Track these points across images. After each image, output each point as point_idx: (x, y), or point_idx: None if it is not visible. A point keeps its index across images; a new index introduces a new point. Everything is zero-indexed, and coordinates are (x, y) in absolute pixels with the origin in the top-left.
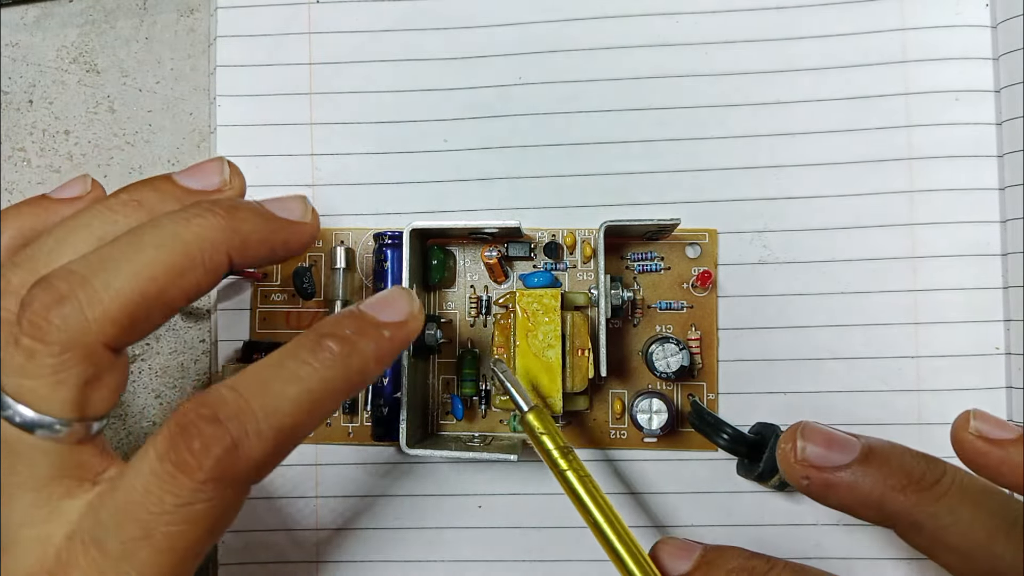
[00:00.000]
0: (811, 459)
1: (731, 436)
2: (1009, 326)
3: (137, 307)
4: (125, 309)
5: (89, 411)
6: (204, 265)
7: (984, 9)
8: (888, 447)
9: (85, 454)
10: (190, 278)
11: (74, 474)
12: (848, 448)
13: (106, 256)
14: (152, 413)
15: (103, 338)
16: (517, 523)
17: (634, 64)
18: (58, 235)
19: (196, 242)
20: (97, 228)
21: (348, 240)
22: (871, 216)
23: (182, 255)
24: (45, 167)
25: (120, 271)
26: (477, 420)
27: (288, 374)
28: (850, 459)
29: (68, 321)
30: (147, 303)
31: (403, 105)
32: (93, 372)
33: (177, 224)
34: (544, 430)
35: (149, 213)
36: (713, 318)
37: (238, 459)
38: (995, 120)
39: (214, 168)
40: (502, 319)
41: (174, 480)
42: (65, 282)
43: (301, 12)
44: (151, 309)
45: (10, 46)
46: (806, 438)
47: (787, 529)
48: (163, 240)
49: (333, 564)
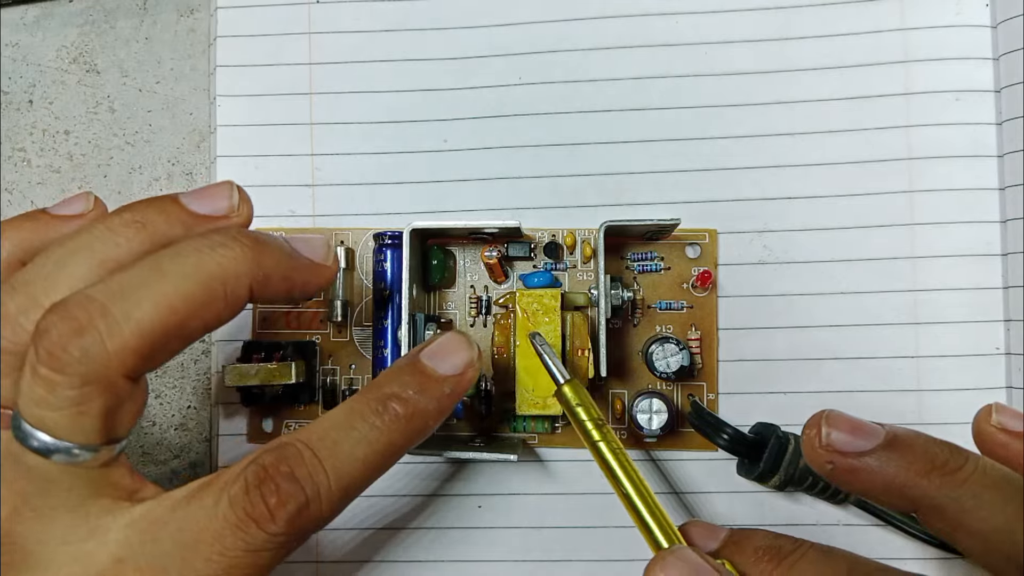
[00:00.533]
0: (836, 444)
1: (731, 436)
2: (1009, 326)
3: (157, 338)
4: (146, 340)
5: (113, 435)
6: (226, 298)
7: (984, 9)
8: (912, 435)
9: (115, 475)
10: (211, 310)
11: (110, 493)
12: (873, 435)
13: (126, 284)
14: (152, 413)
15: (123, 370)
16: (517, 523)
17: (634, 64)
18: (57, 257)
19: (220, 274)
20: (99, 251)
21: (348, 240)
22: (871, 216)
23: (204, 286)
24: (45, 167)
25: (141, 301)
26: (477, 420)
27: (358, 436)
28: (874, 445)
29: (88, 353)
30: (167, 334)
31: (403, 105)
32: (115, 402)
33: (201, 254)
34: (579, 402)
35: (153, 236)
36: (713, 318)
37: (309, 516)
38: (995, 120)
39: (223, 192)
40: (502, 319)
41: (247, 529)
42: (84, 311)
43: (301, 12)
44: (171, 340)
45: (10, 46)
46: (831, 424)
47: (787, 529)
48: (186, 270)
49: (333, 564)
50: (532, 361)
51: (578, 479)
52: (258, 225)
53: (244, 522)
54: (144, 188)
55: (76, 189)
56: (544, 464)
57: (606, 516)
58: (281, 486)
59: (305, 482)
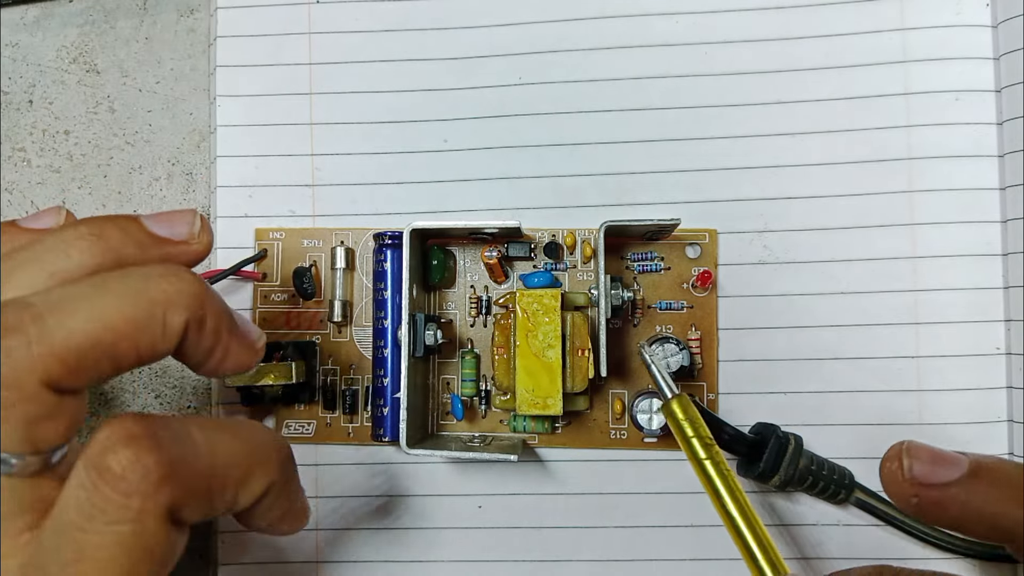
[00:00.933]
0: (919, 476)
1: (731, 436)
2: (1009, 326)
3: (86, 352)
4: (72, 352)
5: (41, 445)
6: (164, 326)
7: (985, 9)
8: (997, 461)
9: (45, 487)
10: (147, 335)
11: (36, 507)
12: (956, 464)
13: (67, 295)
14: (152, 413)
15: (45, 377)
16: (517, 523)
17: (634, 64)
18: (8, 267)
19: (162, 300)
20: (49, 262)
21: (348, 240)
22: (871, 216)
23: (145, 310)
24: (45, 167)
25: (77, 312)
26: (477, 420)
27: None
28: (959, 475)
29: (11, 355)
30: (98, 349)
31: (403, 105)
32: (37, 410)
33: (148, 279)
34: (687, 417)
35: (106, 251)
36: (713, 318)
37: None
38: (996, 120)
39: (185, 219)
40: (502, 319)
41: (98, 491)
42: (17, 315)
43: (301, 12)
44: (101, 358)
45: (10, 46)
46: (912, 456)
47: (787, 529)
48: (128, 290)
49: (333, 564)
50: (532, 361)
51: (578, 479)
52: (258, 225)
53: (94, 484)
54: (144, 188)
55: (76, 189)
56: (544, 464)
57: (606, 516)
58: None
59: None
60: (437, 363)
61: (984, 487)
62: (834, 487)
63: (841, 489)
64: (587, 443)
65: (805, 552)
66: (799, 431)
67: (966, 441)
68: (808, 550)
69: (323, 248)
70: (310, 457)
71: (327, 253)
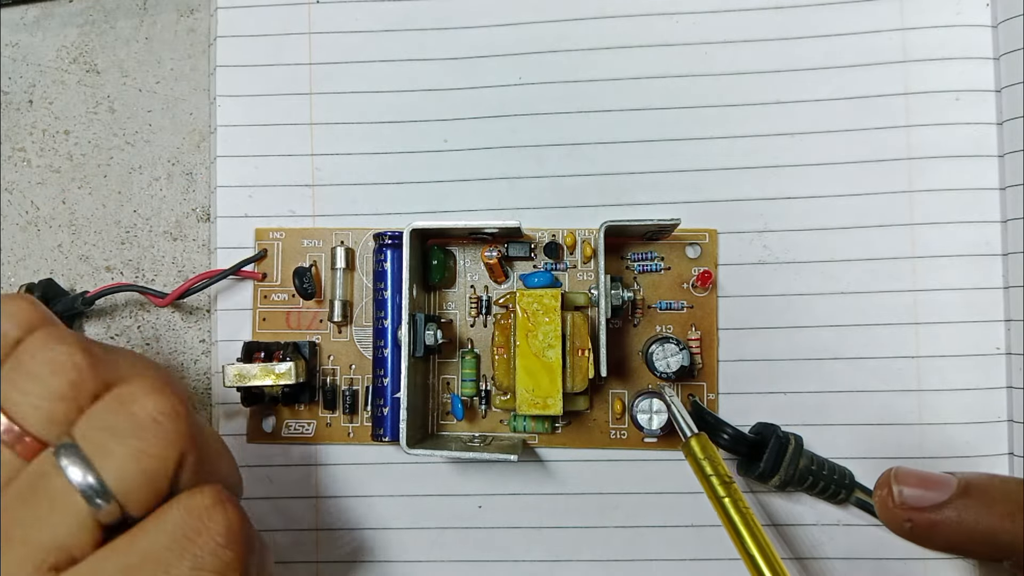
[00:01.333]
0: (910, 501)
1: (731, 436)
2: (1009, 326)
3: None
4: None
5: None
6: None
7: (985, 9)
8: (987, 478)
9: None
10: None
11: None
12: (945, 485)
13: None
14: None
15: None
16: (517, 523)
17: (634, 64)
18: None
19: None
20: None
21: (348, 240)
22: (871, 216)
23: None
24: (45, 167)
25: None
26: (477, 420)
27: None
28: (949, 495)
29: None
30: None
31: (403, 105)
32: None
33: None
34: (705, 456)
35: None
36: (713, 318)
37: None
38: (996, 120)
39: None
40: (502, 319)
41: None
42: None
43: (301, 12)
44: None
45: (10, 46)
46: (900, 481)
47: (787, 529)
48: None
49: (333, 564)
50: (532, 361)
51: (578, 479)
52: (258, 225)
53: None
54: (144, 188)
55: (76, 189)
56: (544, 464)
57: (606, 516)
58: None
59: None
60: (437, 363)
61: (976, 505)
62: (834, 487)
63: (841, 489)
64: (587, 443)
65: (805, 552)
66: (799, 431)
67: (966, 441)
68: (808, 550)
69: (323, 248)
70: (310, 457)
71: (327, 253)
